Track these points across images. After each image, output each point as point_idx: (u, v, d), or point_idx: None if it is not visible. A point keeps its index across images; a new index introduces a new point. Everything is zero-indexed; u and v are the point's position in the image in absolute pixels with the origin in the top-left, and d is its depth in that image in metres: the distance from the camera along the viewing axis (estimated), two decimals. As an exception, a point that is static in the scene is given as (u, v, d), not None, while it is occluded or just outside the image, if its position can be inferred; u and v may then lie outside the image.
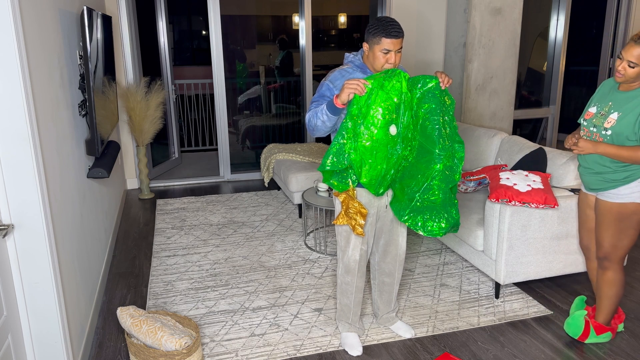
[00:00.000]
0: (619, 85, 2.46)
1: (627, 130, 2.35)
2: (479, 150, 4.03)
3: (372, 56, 2.39)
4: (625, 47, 2.31)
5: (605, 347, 2.72)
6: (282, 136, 6.73)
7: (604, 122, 2.43)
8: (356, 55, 2.52)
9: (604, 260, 2.61)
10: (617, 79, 2.37)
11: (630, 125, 2.34)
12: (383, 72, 2.30)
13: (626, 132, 2.35)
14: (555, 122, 6.76)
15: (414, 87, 2.34)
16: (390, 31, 2.30)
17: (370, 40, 2.37)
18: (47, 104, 2.40)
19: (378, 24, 2.34)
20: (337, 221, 2.49)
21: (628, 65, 2.31)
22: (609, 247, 2.56)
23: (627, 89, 2.41)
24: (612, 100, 2.45)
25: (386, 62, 2.36)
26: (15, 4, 1.99)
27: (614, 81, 2.50)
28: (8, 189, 2.06)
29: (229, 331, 2.88)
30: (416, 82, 2.34)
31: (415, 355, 2.67)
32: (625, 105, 2.37)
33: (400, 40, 2.33)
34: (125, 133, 5.44)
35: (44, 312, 2.22)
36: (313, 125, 2.39)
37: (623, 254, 2.57)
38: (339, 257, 2.66)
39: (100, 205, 3.67)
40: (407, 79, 2.32)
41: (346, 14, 8.67)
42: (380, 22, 2.34)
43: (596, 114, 2.49)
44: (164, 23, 5.98)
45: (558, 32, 6.53)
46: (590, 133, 2.51)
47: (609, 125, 2.40)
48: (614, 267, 2.60)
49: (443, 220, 2.33)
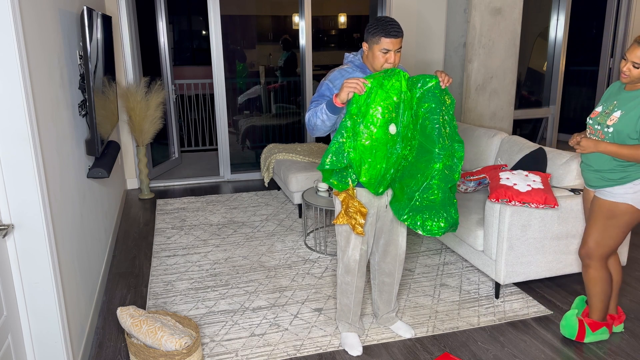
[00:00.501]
0: (625, 85, 2.50)
1: (627, 128, 2.37)
2: (479, 150, 4.03)
3: (371, 56, 2.39)
4: (630, 48, 2.36)
5: (605, 347, 2.72)
6: (282, 136, 6.73)
7: (607, 119, 2.46)
8: (356, 55, 2.52)
9: (585, 257, 2.64)
10: (623, 79, 2.43)
11: (631, 123, 2.36)
12: (382, 72, 2.30)
13: (627, 130, 2.38)
14: (555, 122, 6.76)
15: (414, 86, 2.34)
16: (390, 31, 2.30)
17: (369, 39, 2.37)
18: (47, 104, 2.40)
19: (377, 23, 2.34)
20: (337, 220, 2.49)
21: (632, 66, 2.36)
22: (593, 244, 2.59)
23: (631, 89, 2.45)
24: (617, 99, 2.49)
25: (385, 61, 2.36)
26: (15, 4, 1.99)
27: (621, 82, 2.54)
28: (8, 189, 2.06)
29: (229, 331, 2.88)
30: (416, 81, 2.34)
31: (415, 355, 2.67)
32: (628, 103, 2.41)
33: (399, 40, 2.33)
34: (125, 133, 5.44)
35: (44, 312, 2.22)
36: (313, 124, 2.39)
37: (605, 252, 2.59)
38: (339, 257, 2.66)
39: (100, 205, 3.67)
40: (407, 78, 2.32)
41: (346, 14, 8.66)
42: (379, 21, 2.34)
43: (601, 113, 2.54)
44: (164, 23, 5.98)
45: (558, 32, 6.53)
46: (594, 131, 2.55)
47: (611, 123, 2.44)
48: (594, 264, 2.62)
49: (442, 219, 2.33)
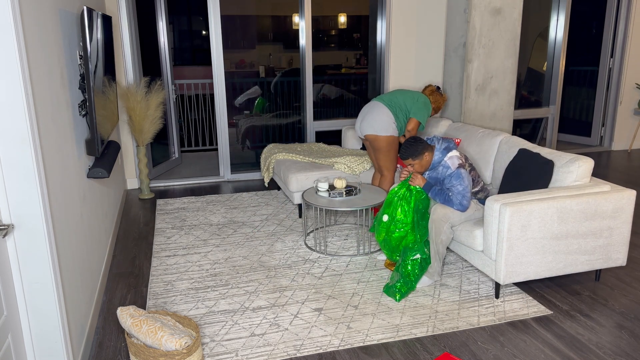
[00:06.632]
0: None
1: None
2: (482, 150, 4.03)
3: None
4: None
5: (605, 347, 2.72)
6: (282, 136, 6.73)
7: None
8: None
9: None
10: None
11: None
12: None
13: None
14: (555, 122, 6.76)
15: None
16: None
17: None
18: (47, 104, 2.40)
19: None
20: None
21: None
22: None
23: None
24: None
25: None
26: (15, 4, 1.99)
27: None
28: (8, 189, 2.06)
29: (229, 331, 2.88)
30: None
31: (415, 355, 2.67)
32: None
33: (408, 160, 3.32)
34: (125, 133, 5.45)
35: (44, 311, 2.22)
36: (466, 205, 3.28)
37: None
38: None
39: (100, 205, 3.68)
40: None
41: (346, 14, 8.66)
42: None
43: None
44: (164, 23, 5.99)
45: (558, 32, 6.53)
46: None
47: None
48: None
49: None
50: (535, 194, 3.12)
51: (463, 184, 3.23)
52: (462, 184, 3.23)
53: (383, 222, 3.42)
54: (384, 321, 2.97)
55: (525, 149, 3.55)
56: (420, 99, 4.21)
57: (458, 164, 3.27)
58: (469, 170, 3.36)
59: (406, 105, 4.21)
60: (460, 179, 3.23)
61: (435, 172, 3.38)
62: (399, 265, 3.32)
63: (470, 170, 3.39)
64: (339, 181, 3.95)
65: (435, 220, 3.27)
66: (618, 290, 3.32)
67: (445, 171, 3.30)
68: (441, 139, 3.40)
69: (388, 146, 4.21)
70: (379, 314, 3.05)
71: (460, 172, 3.24)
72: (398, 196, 3.39)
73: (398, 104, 4.21)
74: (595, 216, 3.14)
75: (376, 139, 4.19)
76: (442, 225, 3.26)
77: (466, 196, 3.24)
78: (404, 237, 3.37)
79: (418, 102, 4.19)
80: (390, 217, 3.39)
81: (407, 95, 4.25)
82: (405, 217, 3.35)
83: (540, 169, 3.34)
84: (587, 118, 7.39)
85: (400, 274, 3.28)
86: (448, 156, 3.31)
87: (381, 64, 6.08)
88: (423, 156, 3.32)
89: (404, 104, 4.21)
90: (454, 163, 3.28)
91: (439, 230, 3.26)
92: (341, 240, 4.13)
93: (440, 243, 3.29)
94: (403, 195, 3.37)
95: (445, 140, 3.38)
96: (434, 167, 3.37)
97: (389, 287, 3.27)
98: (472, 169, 3.42)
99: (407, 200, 3.35)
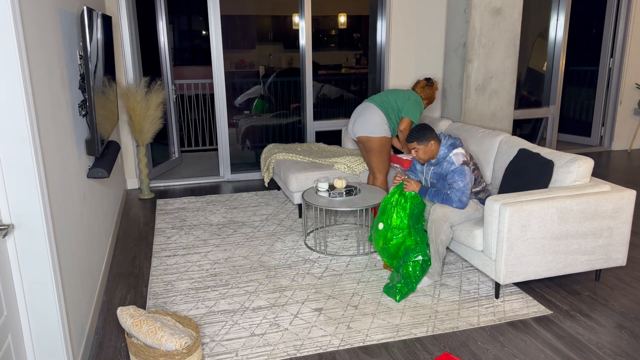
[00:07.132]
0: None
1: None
2: (482, 150, 4.03)
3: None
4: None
5: (605, 347, 2.72)
6: (282, 136, 6.73)
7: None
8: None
9: None
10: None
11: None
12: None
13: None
14: (555, 122, 6.76)
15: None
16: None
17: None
18: (47, 104, 2.40)
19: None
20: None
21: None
22: None
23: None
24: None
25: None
26: (15, 4, 1.99)
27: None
28: (8, 189, 2.06)
29: (229, 331, 2.88)
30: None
31: (415, 355, 2.67)
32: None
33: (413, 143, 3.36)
34: (125, 133, 5.45)
35: (44, 311, 2.22)
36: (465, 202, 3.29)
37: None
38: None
39: (100, 205, 3.68)
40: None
41: (346, 14, 8.66)
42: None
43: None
44: (164, 23, 5.99)
45: (558, 32, 6.53)
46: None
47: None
48: None
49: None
50: (535, 194, 3.12)
51: (464, 180, 3.24)
52: (464, 180, 3.24)
53: (379, 230, 3.43)
54: (384, 321, 2.97)
55: (525, 149, 3.55)
56: (412, 97, 4.22)
57: (462, 161, 3.28)
58: (472, 169, 3.37)
59: (397, 104, 4.22)
60: (463, 175, 3.24)
61: (439, 167, 3.38)
62: (400, 265, 3.32)
63: (473, 170, 3.40)
64: (339, 181, 3.95)
65: (435, 220, 3.27)
66: (618, 290, 3.32)
67: (449, 167, 3.31)
68: (448, 135, 3.41)
69: (380, 147, 4.22)
70: (379, 314, 3.05)
71: (463, 169, 3.25)
72: (391, 203, 3.41)
73: (390, 104, 4.22)
74: (595, 216, 3.14)
75: (369, 140, 4.20)
76: (442, 225, 3.26)
77: (466, 193, 3.25)
78: (402, 242, 3.37)
79: (409, 100, 4.20)
80: (385, 225, 3.40)
81: (399, 95, 4.26)
82: (401, 222, 3.36)
83: (540, 169, 3.34)
84: (587, 118, 7.39)
85: (401, 275, 3.27)
86: (453, 152, 3.33)
87: (381, 64, 6.08)
88: (429, 143, 3.33)
89: (396, 103, 4.22)
90: (458, 159, 3.29)
91: (439, 230, 3.26)
92: (341, 240, 4.13)
93: (440, 243, 3.29)
94: (397, 202, 3.39)
95: (452, 137, 3.40)
96: (438, 162, 3.38)
97: (389, 288, 3.26)
98: (475, 168, 3.43)
99: (402, 206, 3.37)
